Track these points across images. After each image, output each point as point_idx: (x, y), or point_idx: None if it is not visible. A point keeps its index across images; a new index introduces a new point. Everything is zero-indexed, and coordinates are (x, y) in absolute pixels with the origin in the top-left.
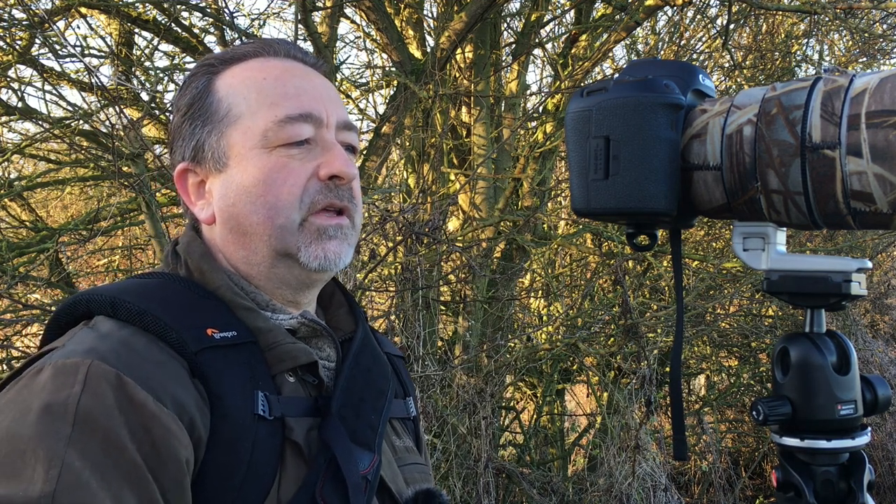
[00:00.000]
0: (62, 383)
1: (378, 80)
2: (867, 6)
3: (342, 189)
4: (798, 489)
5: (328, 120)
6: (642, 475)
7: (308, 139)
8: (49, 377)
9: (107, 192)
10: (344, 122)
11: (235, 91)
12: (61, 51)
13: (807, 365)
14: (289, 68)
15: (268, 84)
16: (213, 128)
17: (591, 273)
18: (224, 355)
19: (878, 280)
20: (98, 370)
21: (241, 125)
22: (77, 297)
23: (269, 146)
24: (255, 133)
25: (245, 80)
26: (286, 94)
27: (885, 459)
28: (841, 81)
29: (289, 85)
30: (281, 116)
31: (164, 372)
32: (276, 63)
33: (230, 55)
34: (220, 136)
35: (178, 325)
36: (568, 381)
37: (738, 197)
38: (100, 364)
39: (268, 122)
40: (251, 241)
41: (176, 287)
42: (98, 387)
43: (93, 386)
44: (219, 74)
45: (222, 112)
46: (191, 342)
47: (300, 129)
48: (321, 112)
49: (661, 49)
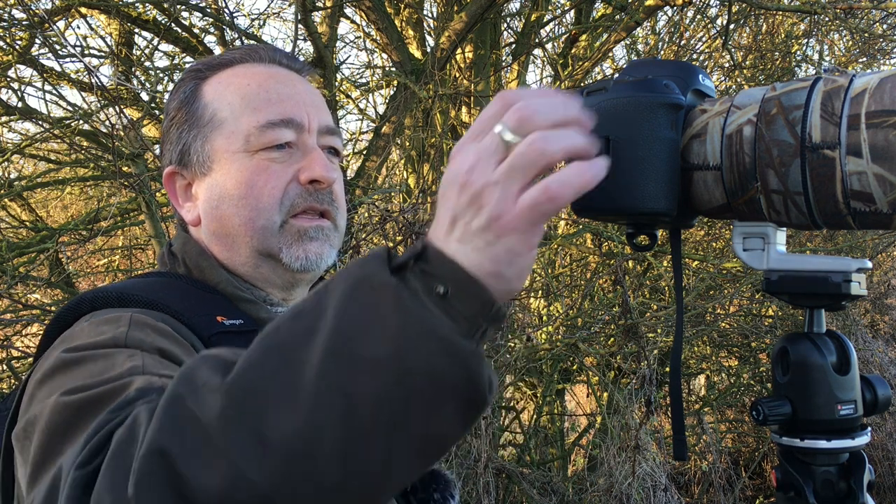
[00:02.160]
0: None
1: (378, 80)
2: (867, 6)
3: (322, 193)
4: (798, 489)
5: (310, 125)
6: (642, 475)
7: (289, 143)
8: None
9: (107, 192)
10: (326, 126)
11: (220, 97)
12: (61, 51)
13: (807, 365)
14: (273, 74)
15: (251, 90)
16: (198, 132)
17: (591, 273)
18: (235, 340)
19: (878, 280)
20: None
21: (225, 130)
22: (81, 296)
23: (250, 150)
24: (238, 137)
25: (230, 86)
26: (269, 99)
27: (885, 459)
28: (841, 81)
29: (272, 91)
30: (263, 121)
31: (185, 335)
32: (261, 69)
33: (217, 61)
34: (204, 140)
35: (188, 312)
36: (568, 381)
37: (738, 197)
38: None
39: (250, 126)
40: (233, 243)
41: (179, 283)
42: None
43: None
44: (206, 80)
45: (207, 117)
46: (203, 327)
47: (281, 133)
48: (303, 117)
49: (661, 49)
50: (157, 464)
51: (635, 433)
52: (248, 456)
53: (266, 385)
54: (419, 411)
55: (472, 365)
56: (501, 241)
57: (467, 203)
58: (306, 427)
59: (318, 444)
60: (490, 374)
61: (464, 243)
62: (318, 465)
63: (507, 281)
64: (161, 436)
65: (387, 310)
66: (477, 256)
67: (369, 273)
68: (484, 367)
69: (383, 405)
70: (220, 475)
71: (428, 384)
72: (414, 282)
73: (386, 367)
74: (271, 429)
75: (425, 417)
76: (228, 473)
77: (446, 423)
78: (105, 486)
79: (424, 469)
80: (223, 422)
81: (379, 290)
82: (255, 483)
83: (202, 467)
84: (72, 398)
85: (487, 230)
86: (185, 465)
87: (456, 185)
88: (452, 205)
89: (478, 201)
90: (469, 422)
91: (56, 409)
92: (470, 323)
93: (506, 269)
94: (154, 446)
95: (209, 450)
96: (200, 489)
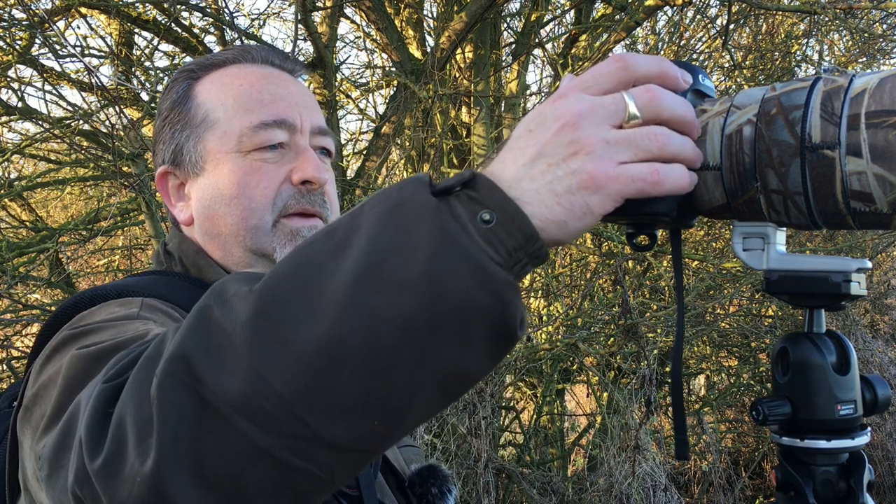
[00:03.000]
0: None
1: (378, 80)
2: (867, 6)
3: (315, 194)
4: (798, 489)
5: (302, 126)
6: (642, 475)
7: (282, 143)
8: (106, 306)
9: (107, 192)
10: (319, 127)
11: (213, 97)
12: (61, 51)
13: (806, 365)
14: (266, 75)
15: (244, 91)
16: (191, 132)
17: (591, 273)
18: None
19: (878, 280)
20: (149, 301)
21: (218, 130)
22: (80, 294)
23: (243, 150)
24: (231, 138)
25: (223, 87)
26: (261, 100)
27: (885, 459)
28: (841, 81)
29: (264, 91)
30: (255, 122)
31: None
32: (254, 69)
33: (210, 61)
34: (197, 140)
35: (188, 307)
36: (568, 381)
37: (738, 197)
38: (149, 300)
39: (243, 127)
40: (225, 243)
41: (177, 281)
42: (151, 304)
43: (148, 304)
44: (198, 80)
45: (200, 117)
46: None
47: (274, 133)
48: (295, 118)
49: (661, 49)
50: (180, 367)
51: (635, 433)
52: (270, 361)
53: (293, 295)
54: (447, 337)
55: (506, 296)
56: (583, 193)
57: (565, 143)
58: (330, 339)
59: (340, 358)
60: (523, 311)
61: (538, 182)
62: (340, 380)
63: (567, 231)
64: (186, 340)
65: (424, 230)
66: (550, 199)
67: (409, 194)
68: (519, 299)
69: (411, 327)
70: (240, 379)
71: (459, 311)
72: (458, 206)
73: (416, 289)
74: (294, 337)
75: (453, 346)
76: (249, 377)
77: (474, 356)
78: (129, 397)
79: (445, 405)
80: (248, 327)
81: (418, 211)
82: (274, 389)
83: (223, 370)
84: (88, 350)
85: (575, 176)
86: (207, 369)
87: (558, 122)
88: (544, 140)
89: (577, 146)
90: (497, 355)
91: (73, 360)
92: (511, 255)
93: (573, 222)
94: (178, 351)
95: (231, 354)
96: (221, 391)
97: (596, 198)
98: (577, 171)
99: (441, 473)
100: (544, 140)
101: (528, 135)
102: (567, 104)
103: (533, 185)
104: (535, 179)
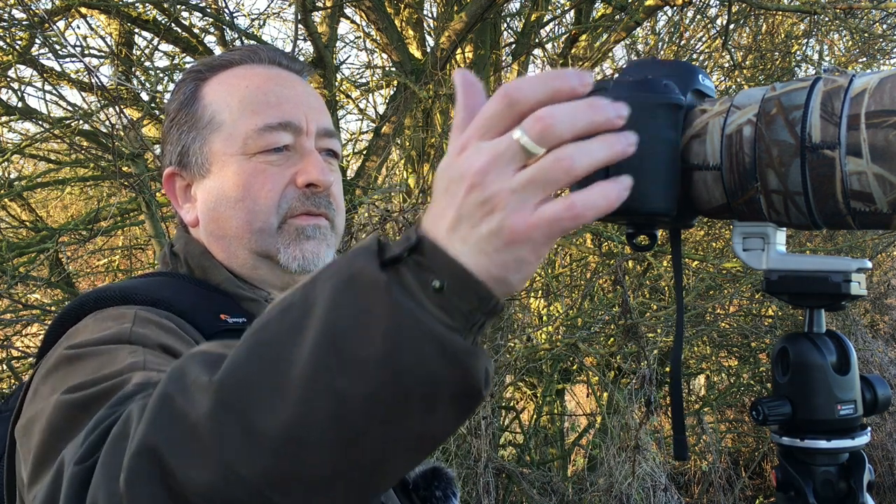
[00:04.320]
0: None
1: (378, 80)
2: (867, 6)
3: (320, 197)
4: (798, 489)
5: (308, 128)
6: (642, 475)
7: (287, 146)
8: (101, 318)
9: (107, 192)
10: (324, 129)
11: (219, 98)
12: (61, 51)
13: (806, 365)
14: (272, 76)
15: (250, 92)
16: (197, 134)
17: (590, 273)
18: (238, 338)
19: (878, 280)
20: (142, 313)
21: (224, 132)
22: (85, 295)
23: (248, 153)
24: (236, 140)
25: (229, 88)
26: (267, 102)
27: (885, 459)
28: (841, 81)
29: (270, 93)
30: (261, 125)
31: (190, 332)
32: (261, 70)
33: (217, 62)
34: (203, 142)
35: (192, 310)
36: (568, 381)
37: (738, 197)
38: (142, 311)
39: (248, 129)
40: (230, 245)
41: (181, 282)
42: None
43: (141, 317)
44: (206, 81)
45: (206, 119)
46: (207, 325)
47: (279, 136)
48: (301, 120)
49: (661, 49)
50: (147, 460)
51: (635, 433)
52: (237, 452)
53: (253, 382)
54: (413, 410)
55: (467, 363)
56: (511, 249)
57: (477, 205)
58: (296, 425)
59: (308, 442)
60: (487, 366)
61: (468, 244)
62: (309, 462)
63: (511, 285)
64: (150, 433)
65: (379, 308)
66: (483, 260)
67: (359, 269)
68: (480, 363)
69: (376, 405)
70: (209, 471)
71: (422, 384)
72: (408, 275)
73: (378, 368)
74: (260, 426)
75: (420, 416)
76: (217, 468)
77: (441, 420)
78: (99, 482)
79: (418, 462)
80: (212, 419)
81: (370, 286)
82: (245, 478)
83: (192, 463)
84: (72, 396)
85: (497, 236)
86: (175, 462)
87: (464, 184)
88: (458, 203)
89: (489, 205)
90: (464, 416)
91: (57, 407)
92: (467, 318)
93: (512, 276)
94: (143, 443)
95: (198, 446)
96: (191, 483)
97: (525, 249)
98: (497, 231)
99: (445, 476)
100: (458, 203)
101: (444, 195)
102: (468, 161)
103: (465, 247)
104: (466, 241)
